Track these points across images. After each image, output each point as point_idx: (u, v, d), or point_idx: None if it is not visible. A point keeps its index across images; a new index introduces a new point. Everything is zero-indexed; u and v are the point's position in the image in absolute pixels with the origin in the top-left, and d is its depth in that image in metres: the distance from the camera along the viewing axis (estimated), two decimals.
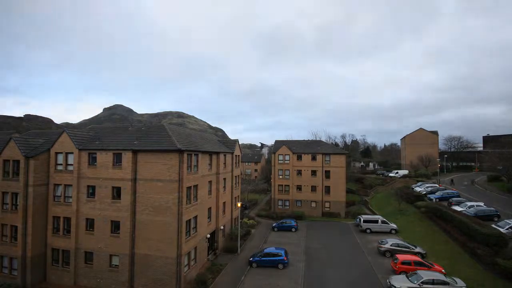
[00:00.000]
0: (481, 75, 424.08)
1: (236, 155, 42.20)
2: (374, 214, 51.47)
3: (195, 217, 28.41)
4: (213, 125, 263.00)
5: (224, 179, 37.29)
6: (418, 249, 32.11)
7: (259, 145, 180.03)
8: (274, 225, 45.15)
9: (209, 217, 32.61)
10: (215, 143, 39.09)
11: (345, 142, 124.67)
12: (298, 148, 58.25)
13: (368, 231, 41.88)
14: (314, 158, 55.80)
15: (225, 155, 37.51)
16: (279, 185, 56.63)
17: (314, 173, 55.55)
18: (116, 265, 26.23)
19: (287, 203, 56.07)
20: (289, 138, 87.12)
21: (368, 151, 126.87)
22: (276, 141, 64.07)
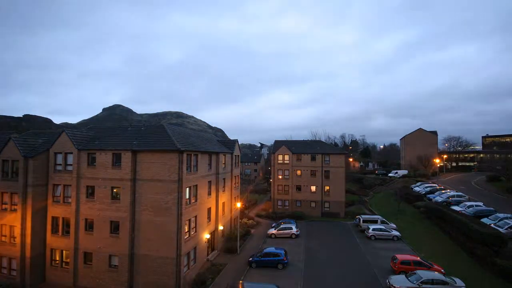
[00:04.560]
0: None
1: (235, 155, 42.18)
2: (374, 214, 51.52)
3: (195, 218, 28.38)
4: (213, 125, 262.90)
5: (224, 179, 37.27)
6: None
7: (259, 145, 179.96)
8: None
9: (209, 217, 32.58)
10: (215, 143, 39.07)
11: (344, 142, 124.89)
12: (298, 148, 58.21)
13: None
14: (313, 158, 55.78)
15: (224, 155, 37.49)
16: (278, 185, 56.61)
17: (313, 173, 55.52)
18: (115, 266, 26.17)
19: (286, 203, 56.03)
20: (288, 138, 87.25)
21: (367, 151, 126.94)
22: (276, 141, 64.08)
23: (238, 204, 37.53)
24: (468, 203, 42.72)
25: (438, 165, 75.99)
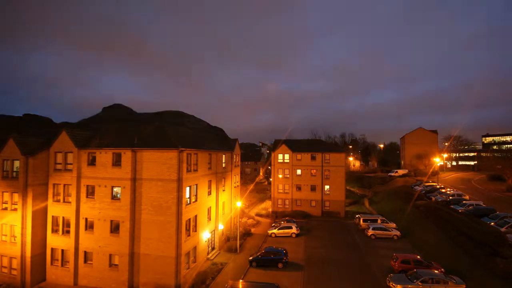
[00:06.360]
0: None
1: (235, 154, 42.23)
2: (374, 213, 51.54)
3: (195, 217, 28.42)
4: (213, 124, 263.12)
5: (224, 178, 37.28)
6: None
7: (259, 144, 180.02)
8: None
9: (209, 216, 32.59)
10: (215, 143, 39.03)
11: (344, 141, 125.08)
12: (298, 147, 58.12)
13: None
14: (313, 157, 55.73)
15: (224, 154, 37.50)
16: (278, 184, 56.60)
17: (313, 172, 55.53)
18: (115, 265, 26.21)
19: (286, 202, 56.02)
20: (288, 137, 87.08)
21: (367, 150, 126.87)
22: (276, 140, 63.94)
23: (238, 203, 37.51)
24: (468, 202, 42.73)
25: (438, 164, 75.99)
